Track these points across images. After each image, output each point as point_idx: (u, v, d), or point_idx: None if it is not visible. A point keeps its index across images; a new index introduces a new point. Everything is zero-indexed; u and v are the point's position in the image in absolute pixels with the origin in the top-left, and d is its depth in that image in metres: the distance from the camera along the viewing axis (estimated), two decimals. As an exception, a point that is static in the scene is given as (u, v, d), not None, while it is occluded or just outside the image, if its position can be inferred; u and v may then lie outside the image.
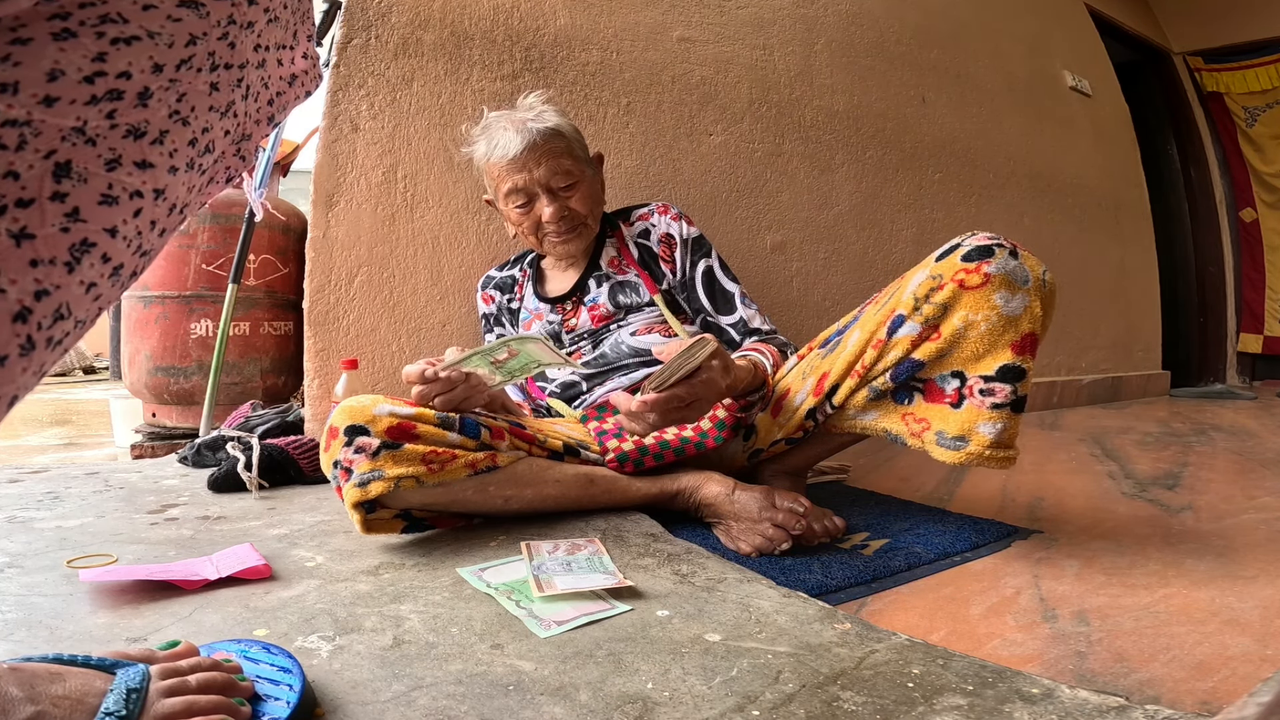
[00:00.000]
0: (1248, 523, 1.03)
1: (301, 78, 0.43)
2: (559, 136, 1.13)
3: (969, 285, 0.82)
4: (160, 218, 0.35)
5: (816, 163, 2.03)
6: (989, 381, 0.83)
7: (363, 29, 1.41)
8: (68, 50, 0.29)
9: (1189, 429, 2.07)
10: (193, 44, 0.33)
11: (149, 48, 0.31)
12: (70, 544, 0.85)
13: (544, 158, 1.11)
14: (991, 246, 0.82)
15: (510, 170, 1.13)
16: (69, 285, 0.31)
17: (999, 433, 0.82)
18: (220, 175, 0.40)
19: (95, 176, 0.31)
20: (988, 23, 2.61)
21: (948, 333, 0.84)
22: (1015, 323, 0.81)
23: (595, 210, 1.21)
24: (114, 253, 0.33)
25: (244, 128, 0.39)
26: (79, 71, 0.30)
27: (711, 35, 1.86)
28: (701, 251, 1.22)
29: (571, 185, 1.15)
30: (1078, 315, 2.76)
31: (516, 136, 1.11)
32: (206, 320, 1.67)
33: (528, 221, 1.17)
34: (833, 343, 0.99)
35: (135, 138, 0.32)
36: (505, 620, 0.63)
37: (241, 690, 0.47)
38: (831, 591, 0.76)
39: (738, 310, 1.19)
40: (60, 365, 4.34)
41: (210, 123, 0.36)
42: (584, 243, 1.21)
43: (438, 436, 0.85)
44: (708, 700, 0.50)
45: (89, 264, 0.32)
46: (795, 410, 0.99)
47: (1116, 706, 0.48)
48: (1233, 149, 3.69)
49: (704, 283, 1.21)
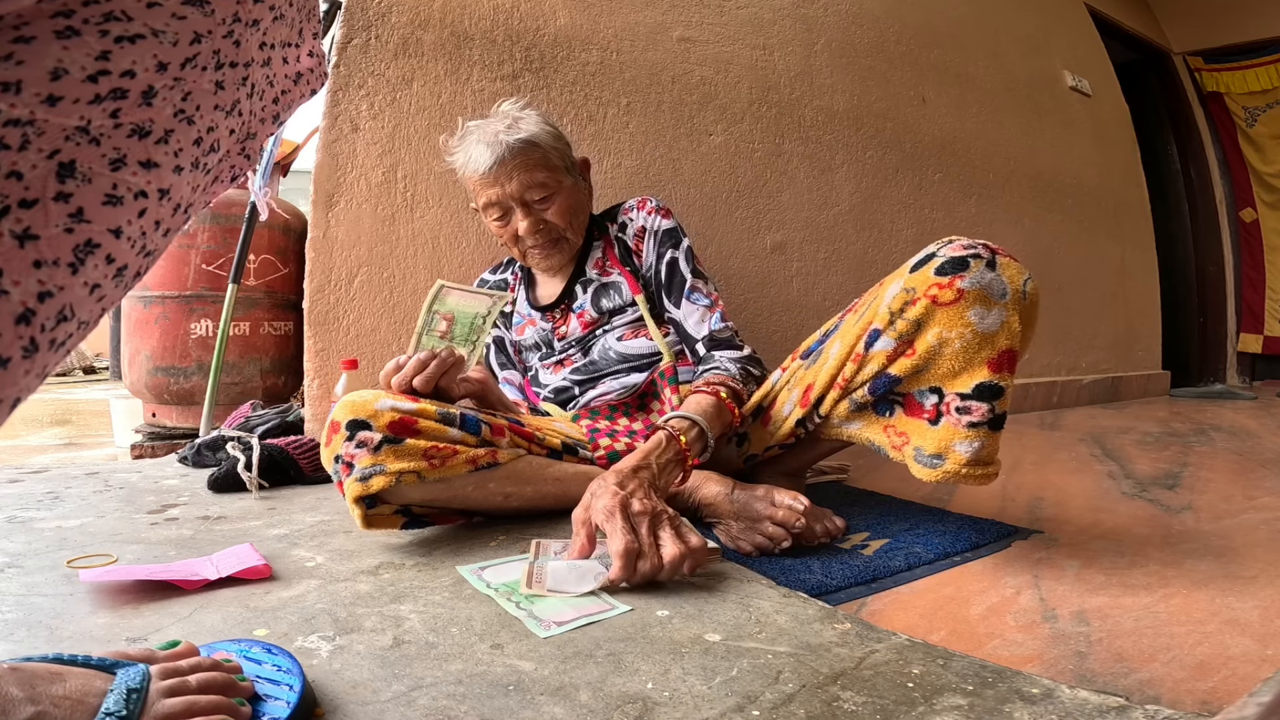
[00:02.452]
0: (1248, 523, 1.03)
1: (307, 75, 0.43)
2: (533, 147, 1.09)
3: (942, 301, 0.79)
4: (165, 217, 0.35)
5: (816, 163, 2.03)
6: (965, 400, 0.80)
7: (363, 29, 1.41)
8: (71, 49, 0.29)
9: (1189, 429, 2.07)
10: (197, 42, 0.33)
11: (153, 46, 0.31)
12: (70, 544, 0.85)
13: (516, 171, 1.08)
14: (966, 259, 0.79)
15: (483, 185, 1.10)
16: (73, 286, 0.31)
17: (976, 451, 0.81)
18: (225, 174, 0.40)
19: (99, 176, 0.31)
20: (988, 23, 2.61)
21: (922, 349, 0.82)
22: (992, 339, 0.79)
23: (576, 221, 1.16)
24: (118, 253, 0.32)
25: (249, 126, 0.39)
26: (82, 70, 0.30)
27: (711, 35, 1.86)
28: (670, 243, 1.17)
29: (547, 197, 1.12)
30: (1078, 315, 2.76)
31: (487, 151, 1.07)
32: (206, 320, 1.67)
33: (506, 234, 1.15)
34: (815, 353, 0.98)
35: (140, 137, 0.32)
36: (505, 620, 0.63)
37: (241, 690, 0.47)
38: (831, 591, 0.75)
39: (682, 305, 1.13)
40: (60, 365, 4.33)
41: (216, 121, 0.36)
42: (565, 256, 1.18)
43: (439, 432, 0.85)
44: (708, 700, 0.50)
45: (93, 265, 0.31)
46: (784, 420, 0.99)
47: (1116, 706, 0.48)
48: (1233, 149, 3.69)
49: (666, 273, 1.15)
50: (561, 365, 1.20)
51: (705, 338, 1.10)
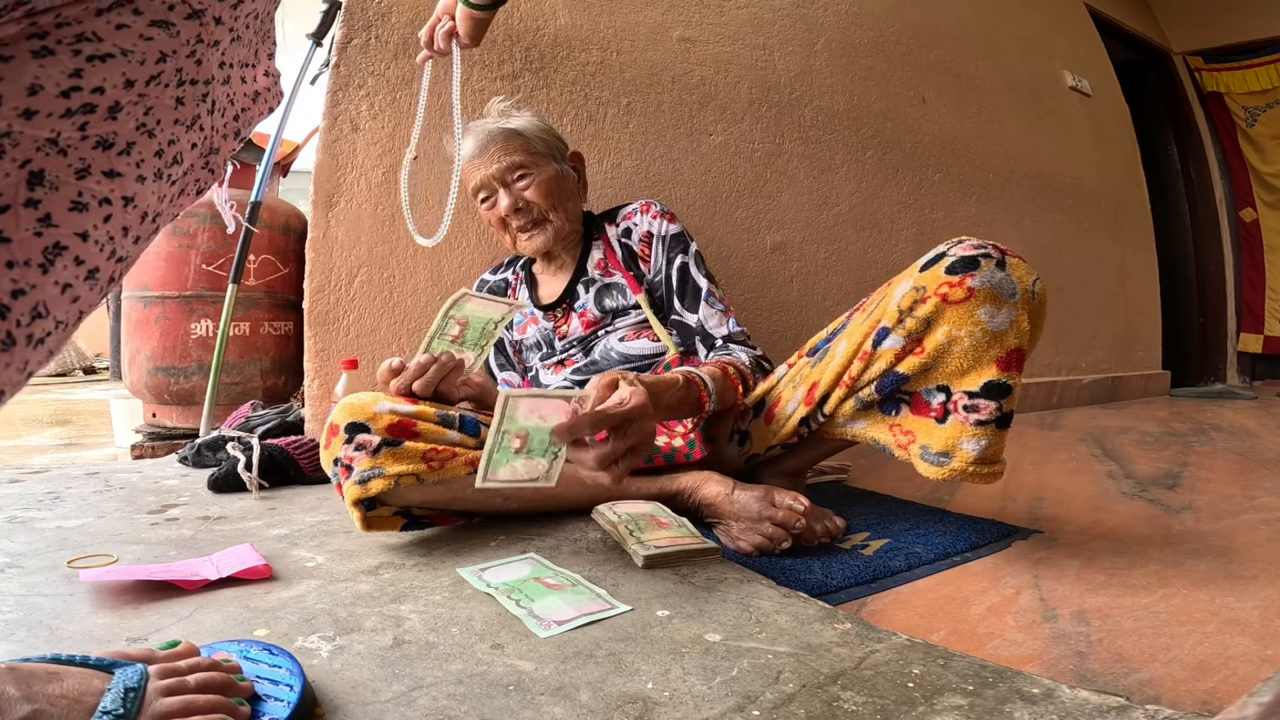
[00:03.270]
0: (1248, 523, 1.03)
1: (264, 94, 0.46)
2: (515, 135, 1.16)
3: (952, 300, 0.80)
4: (133, 224, 0.37)
5: (816, 163, 2.03)
6: (973, 398, 0.81)
7: (363, 29, 1.41)
8: (47, 67, 0.31)
9: (1189, 429, 2.07)
10: (162, 61, 0.35)
11: (122, 64, 0.33)
12: (70, 544, 0.85)
13: (498, 154, 1.15)
14: (977, 258, 0.80)
15: (471, 169, 1.18)
16: (44, 285, 0.33)
17: (983, 449, 0.81)
18: (191, 187, 0.42)
19: (66, 184, 0.33)
20: (988, 23, 2.61)
21: (931, 347, 0.82)
22: (1001, 338, 0.80)
23: (561, 204, 1.18)
24: (86, 255, 0.35)
25: (211, 141, 0.41)
26: (57, 86, 0.32)
27: (711, 35, 1.86)
28: (679, 248, 1.19)
29: (524, 176, 1.16)
30: (1078, 315, 2.76)
31: (475, 140, 1.17)
32: (206, 320, 1.67)
33: (494, 217, 1.19)
34: (821, 351, 0.98)
35: (104, 148, 0.35)
36: (505, 620, 0.63)
37: (240, 690, 0.47)
38: (831, 591, 0.76)
39: (700, 309, 1.15)
40: (60, 365, 4.34)
41: (177, 135, 0.38)
42: (550, 238, 1.19)
43: (438, 434, 0.85)
44: (708, 700, 0.50)
45: (62, 265, 0.34)
46: (788, 418, 0.99)
47: (1116, 706, 0.48)
48: (1233, 149, 3.69)
49: (678, 279, 1.18)
50: (562, 365, 1.20)
51: (725, 337, 1.14)
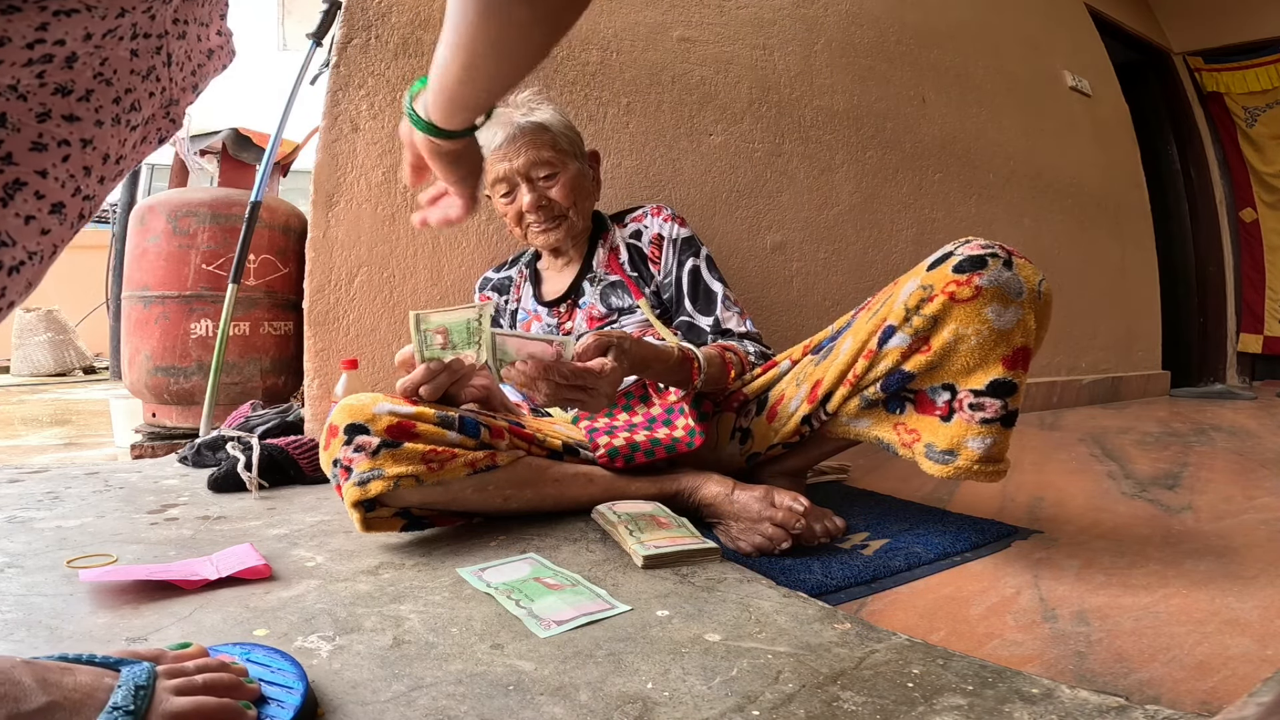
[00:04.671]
0: (1248, 523, 1.03)
1: (218, 52, 0.49)
2: (543, 130, 1.16)
3: (960, 298, 0.80)
4: (94, 164, 0.40)
5: (816, 163, 2.03)
6: (979, 396, 0.82)
7: (363, 29, 1.41)
8: (15, 21, 0.33)
9: (1189, 429, 2.07)
10: (121, 15, 0.37)
11: (85, 19, 0.35)
12: (70, 544, 0.85)
13: (525, 148, 1.14)
14: (984, 257, 0.80)
15: (494, 160, 1.16)
16: (4, 216, 0.36)
17: (988, 448, 0.82)
18: (153, 135, 0.46)
19: (27, 126, 0.37)
20: (988, 23, 2.61)
21: (938, 346, 0.83)
22: (1007, 337, 0.80)
23: (580, 203, 1.20)
24: (47, 191, 0.38)
25: (170, 93, 0.45)
26: (23, 39, 0.34)
27: (711, 35, 1.86)
28: (690, 251, 1.21)
29: (551, 175, 1.16)
30: (1078, 315, 2.76)
31: (501, 130, 1.15)
32: (206, 320, 1.67)
33: (511, 211, 1.19)
34: (826, 349, 0.99)
35: (63, 95, 0.38)
36: (505, 620, 0.63)
37: (248, 692, 0.47)
38: (831, 591, 0.76)
39: (716, 310, 1.17)
40: (60, 365, 4.36)
41: (134, 84, 0.41)
42: (564, 234, 1.20)
43: (437, 435, 0.85)
44: (708, 700, 0.50)
45: (22, 199, 0.37)
46: (790, 416, 0.99)
47: (1116, 706, 0.48)
48: (1233, 149, 3.69)
49: (689, 282, 1.20)
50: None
51: (741, 335, 1.16)
